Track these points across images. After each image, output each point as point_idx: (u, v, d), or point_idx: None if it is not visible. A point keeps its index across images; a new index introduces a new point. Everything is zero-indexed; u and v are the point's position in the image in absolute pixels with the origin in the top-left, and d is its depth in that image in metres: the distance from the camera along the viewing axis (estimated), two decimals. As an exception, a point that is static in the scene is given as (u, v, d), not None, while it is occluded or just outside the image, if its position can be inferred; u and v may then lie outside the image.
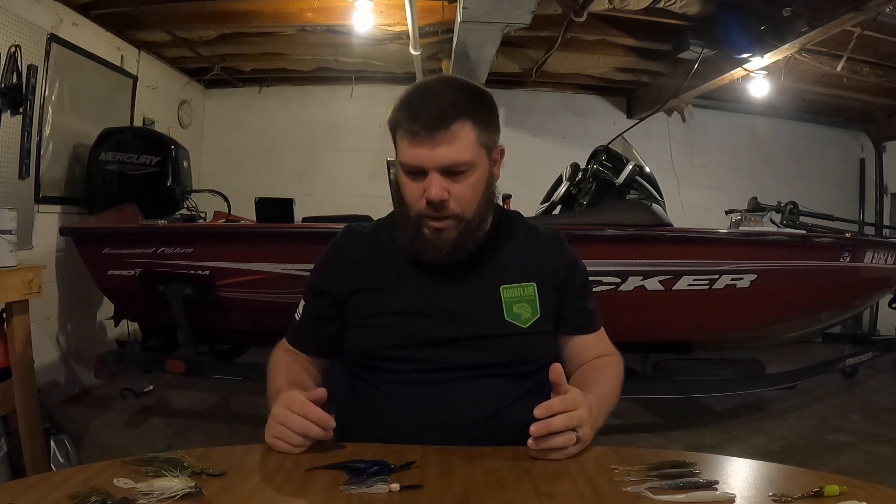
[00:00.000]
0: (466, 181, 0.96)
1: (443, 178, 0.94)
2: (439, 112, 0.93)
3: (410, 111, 0.94)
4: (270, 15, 3.75)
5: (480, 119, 0.96)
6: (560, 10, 3.43)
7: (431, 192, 0.93)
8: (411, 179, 0.97)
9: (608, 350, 1.12)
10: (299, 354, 1.11)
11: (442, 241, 0.98)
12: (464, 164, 0.95)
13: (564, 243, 1.13)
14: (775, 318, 3.31)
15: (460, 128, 0.93)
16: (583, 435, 0.84)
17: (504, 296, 1.03)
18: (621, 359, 1.12)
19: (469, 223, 0.98)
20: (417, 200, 0.97)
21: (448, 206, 0.95)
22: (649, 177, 3.26)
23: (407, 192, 0.98)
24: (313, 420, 0.84)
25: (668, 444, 2.93)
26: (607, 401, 0.98)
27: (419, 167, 0.95)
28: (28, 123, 3.01)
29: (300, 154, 5.25)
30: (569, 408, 0.84)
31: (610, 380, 1.04)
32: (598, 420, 0.90)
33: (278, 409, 0.86)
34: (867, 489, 0.74)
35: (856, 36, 3.41)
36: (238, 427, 2.98)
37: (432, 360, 1.01)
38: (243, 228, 2.96)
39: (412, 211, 0.98)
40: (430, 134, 0.92)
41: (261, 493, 0.71)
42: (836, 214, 3.99)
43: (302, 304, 1.12)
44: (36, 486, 0.71)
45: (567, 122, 5.36)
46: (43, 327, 3.11)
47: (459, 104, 0.94)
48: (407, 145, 0.95)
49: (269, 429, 0.86)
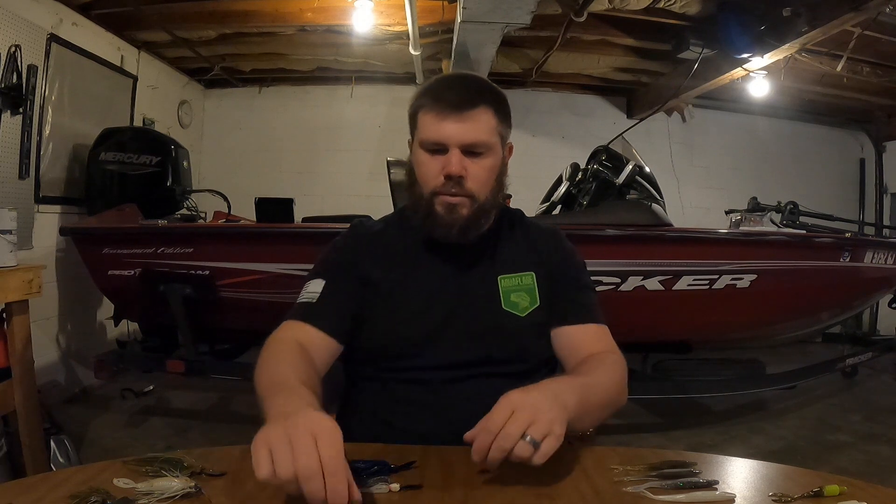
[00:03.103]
0: (483, 163, 1.00)
1: (462, 156, 0.98)
2: (466, 94, 0.99)
3: (436, 93, 1.00)
4: (270, 15, 3.75)
5: (500, 110, 1.02)
6: (560, 10, 3.43)
7: (451, 166, 0.97)
8: (430, 156, 1.00)
9: (607, 348, 1.03)
10: (306, 346, 0.96)
11: (454, 219, 1.00)
12: (483, 145, 0.99)
13: (563, 237, 1.15)
14: (775, 318, 3.31)
15: (483, 111, 0.99)
16: (542, 431, 0.71)
17: (502, 285, 1.05)
18: (622, 359, 1.02)
19: (482, 205, 1.01)
20: (435, 176, 0.99)
21: (465, 184, 0.99)
22: (649, 177, 3.26)
23: (424, 169, 1.01)
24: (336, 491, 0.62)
25: (668, 444, 2.93)
26: (588, 387, 0.85)
27: (441, 142, 0.98)
28: (28, 123, 3.01)
29: (300, 154, 5.25)
30: (491, 426, 0.71)
31: (599, 373, 0.93)
32: (567, 402, 0.76)
33: (305, 442, 0.63)
34: (867, 489, 0.74)
35: (856, 36, 3.41)
36: (238, 427, 2.97)
37: (433, 356, 1.01)
38: (243, 228, 2.96)
39: (427, 188, 1.01)
40: (455, 111, 0.97)
41: (261, 493, 0.70)
42: (836, 214, 3.98)
43: (321, 283, 1.04)
44: (36, 486, 0.70)
45: (567, 122, 5.36)
46: (43, 327, 3.11)
47: (483, 92, 1.01)
48: (431, 121, 0.99)
49: (276, 445, 0.63)
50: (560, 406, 0.74)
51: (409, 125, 1.06)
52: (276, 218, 2.95)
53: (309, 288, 1.05)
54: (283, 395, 0.76)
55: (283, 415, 0.68)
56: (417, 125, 1.02)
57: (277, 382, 0.80)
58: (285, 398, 0.74)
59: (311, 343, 0.98)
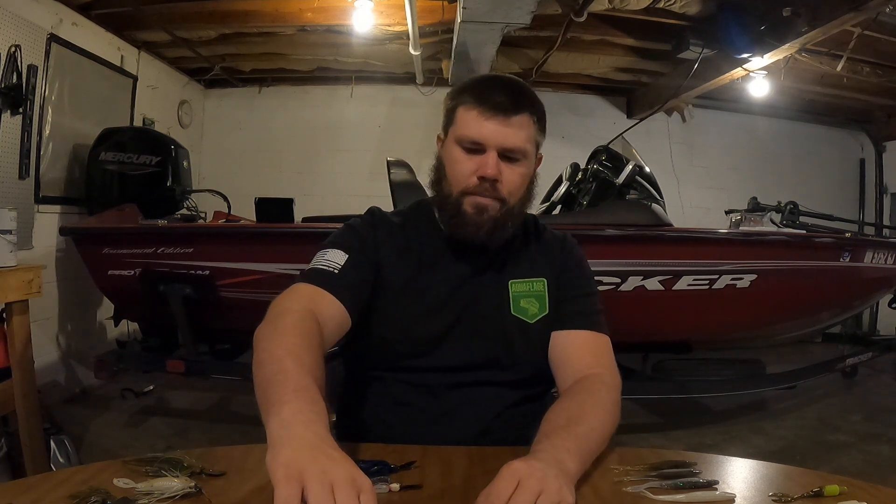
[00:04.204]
0: (517, 169, 0.99)
1: (498, 160, 0.97)
2: (511, 98, 0.97)
3: (481, 92, 0.98)
4: (270, 15, 3.74)
5: (540, 119, 1.01)
6: (560, 10, 3.43)
7: (488, 168, 0.96)
8: (466, 154, 0.98)
9: (600, 363, 0.98)
10: (320, 318, 0.87)
11: (483, 220, 0.98)
12: (520, 152, 0.98)
13: (574, 245, 1.14)
14: (775, 318, 3.31)
15: (526, 118, 0.98)
16: (552, 501, 0.65)
17: (512, 290, 1.05)
18: (615, 379, 0.96)
19: (510, 209, 1.00)
20: (468, 176, 0.98)
21: (498, 188, 0.97)
22: (649, 177, 3.27)
23: (458, 167, 0.99)
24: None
25: (668, 444, 2.93)
26: (584, 439, 0.80)
27: (480, 142, 0.97)
28: (28, 123, 3.01)
29: (300, 154, 5.25)
30: (496, 499, 0.64)
31: (591, 415, 0.86)
32: (570, 469, 0.73)
33: (349, 494, 0.57)
34: (867, 489, 0.74)
35: (856, 36, 3.41)
36: (238, 427, 2.97)
37: (439, 357, 1.01)
38: (243, 228, 2.96)
39: (457, 187, 0.99)
40: (500, 114, 0.96)
41: (261, 493, 0.70)
42: (836, 214, 3.98)
43: (343, 255, 0.97)
44: (36, 486, 0.70)
45: (567, 122, 5.35)
46: (43, 327, 3.11)
47: (528, 99, 1.00)
48: (472, 119, 0.97)
49: (314, 486, 0.57)
50: (565, 474, 0.70)
51: (443, 119, 1.03)
52: (276, 218, 2.95)
53: (328, 256, 0.97)
54: (297, 401, 0.68)
55: (307, 442, 0.62)
56: (455, 121, 1.00)
57: (289, 376, 0.72)
58: (299, 407, 0.67)
59: (327, 315, 0.90)
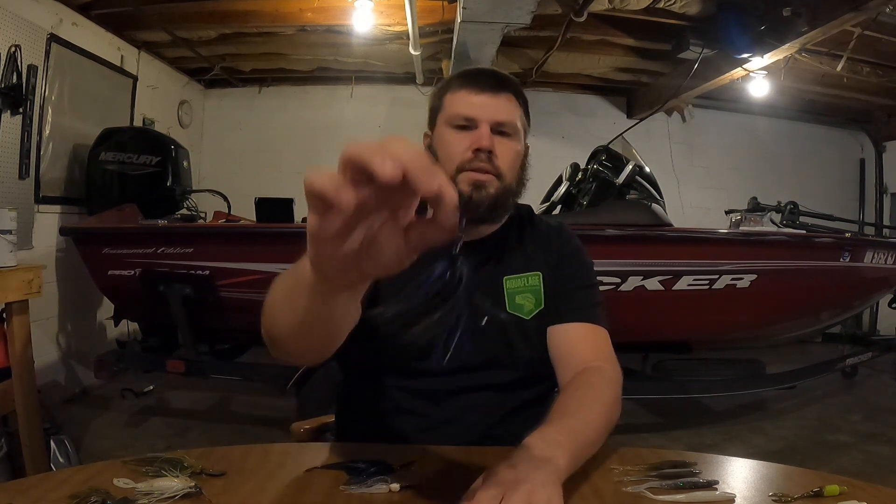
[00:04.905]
0: (510, 144, 1.01)
1: (491, 133, 0.99)
2: (497, 78, 1.02)
3: (467, 76, 1.02)
4: (270, 15, 3.75)
5: (524, 104, 1.05)
6: (560, 10, 3.43)
7: (483, 139, 0.97)
8: (458, 132, 1.00)
9: (601, 356, 0.96)
10: None
11: (481, 199, 0.98)
12: (511, 126, 1.01)
13: (570, 234, 1.12)
14: (775, 318, 3.31)
15: (512, 99, 1.02)
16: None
17: (507, 286, 1.02)
18: (616, 372, 0.94)
19: (506, 188, 1.00)
20: (462, 152, 0.98)
21: (493, 160, 0.99)
22: (649, 177, 3.27)
23: (450, 146, 1.00)
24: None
25: (668, 444, 2.93)
26: (578, 433, 0.78)
27: (472, 117, 0.99)
28: (28, 123, 3.01)
29: (300, 154, 5.24)
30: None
31: (588, 409, 0.84)
32: (560, 465, 0.70)
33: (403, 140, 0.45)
34: (867, 489, 0.74)
35: (856, 36, 3.41)
36: (238, 427, 2.97)
37: (437, 358, 0.99)
38: (243, 228, 2.96)
39: (452, 165, 0.99)
40: (489, 90, 1.00)
41: (261, 493, 0.70)
42: (836, 214, 3.99)
43: None
44: (36, 486, 0.71)
45: (567, 122, 5.36)
46: (43, 327, 3.11)
47: (513, 84, 1.04)
48: (462, 97, 1.00)
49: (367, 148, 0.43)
50: (553, 473, 0.67)
51: (429, 116, 1.05)
52: (276, 218, 2.94)
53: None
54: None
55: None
56: (444, 106, 1.02)
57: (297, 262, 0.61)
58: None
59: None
